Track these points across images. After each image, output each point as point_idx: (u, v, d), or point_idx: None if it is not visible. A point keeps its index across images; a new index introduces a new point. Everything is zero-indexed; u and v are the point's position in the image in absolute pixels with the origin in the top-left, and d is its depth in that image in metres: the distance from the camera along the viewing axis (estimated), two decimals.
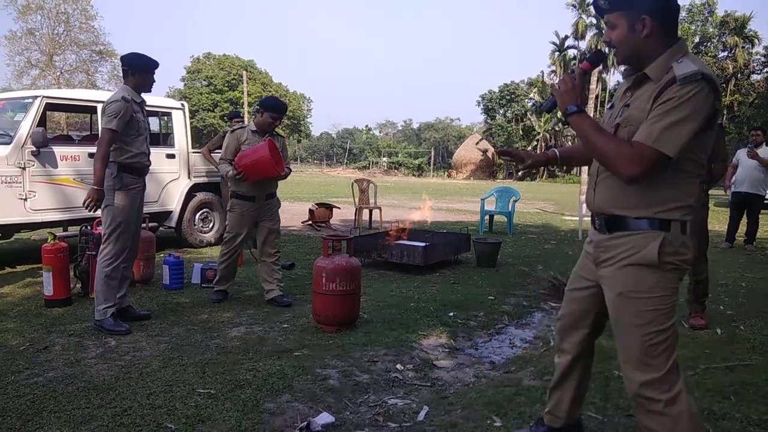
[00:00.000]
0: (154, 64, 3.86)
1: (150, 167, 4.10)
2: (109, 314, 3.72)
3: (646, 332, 1.77)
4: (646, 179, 1.73)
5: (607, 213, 1.88)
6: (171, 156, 6.77)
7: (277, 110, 4.44)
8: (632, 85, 1.85)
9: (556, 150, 2.34)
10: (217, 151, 6.99)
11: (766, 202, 8.22)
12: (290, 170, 4.64)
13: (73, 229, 5.89)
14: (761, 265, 6.76)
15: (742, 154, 7.99)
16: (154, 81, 3.92)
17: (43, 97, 5.76)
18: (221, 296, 4.62)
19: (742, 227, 8.26)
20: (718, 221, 11.19)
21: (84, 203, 3.68)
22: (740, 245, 8.15)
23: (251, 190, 4.43)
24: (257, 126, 4.46)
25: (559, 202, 17.87)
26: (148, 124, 4.03)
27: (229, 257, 4.56)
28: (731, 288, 5.44)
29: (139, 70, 3.81)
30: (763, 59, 36.42)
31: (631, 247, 1.81)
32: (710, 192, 4.44)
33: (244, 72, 35.12)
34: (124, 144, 3.77)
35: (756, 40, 36.52)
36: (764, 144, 7.86)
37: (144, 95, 3.97)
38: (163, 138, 7.23)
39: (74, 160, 5.85)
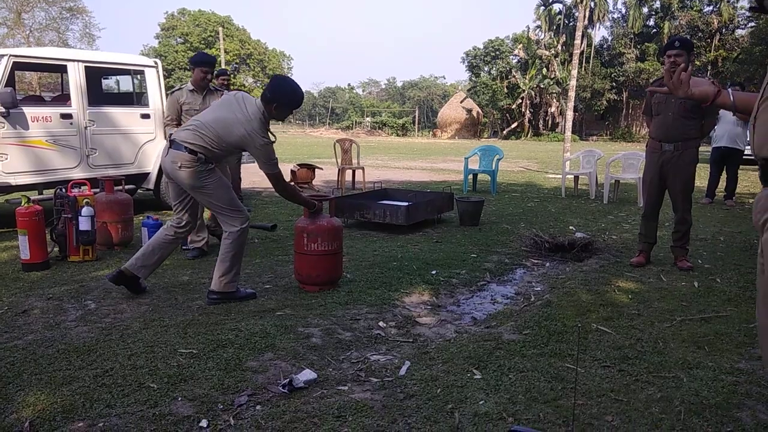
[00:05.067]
0: (300, 101, 3.43)
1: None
2: (237, 284, 3.59)
3: None
4: None
5: (763, 156, 1.40)
6: (146, 116, 6.60)
7: (205, 63, 4.50)
8: None
9: (730, 93, 1.71)
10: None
11: (744, 156, 8.31)
12: None
13: (48, 192, 5.77)
14: (739, 220, 6.88)
15: (723, 111, 8.01)
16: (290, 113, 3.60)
17: (11, 55, 5.53)
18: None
19: (722, 183, 8.37)
20: (699, 176, 11.28)
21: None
22: (720, 200, 8.27)
23: None
24: (194, 84, 4.49)
25: (543, 161, 17.90)
26: None
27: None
28: (710, 242, 5.54)
29: (284, 105, 3.37)
30: (747, 14, 36.20)
31: None
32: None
33: (220, 29, 34.06)
34: (228, 149, 3.43)
35: None
36: None
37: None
38: (137, 97, 7.03)
39: (46, 121, 5.68)
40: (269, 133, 3.38)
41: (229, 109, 3.36)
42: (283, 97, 3.35)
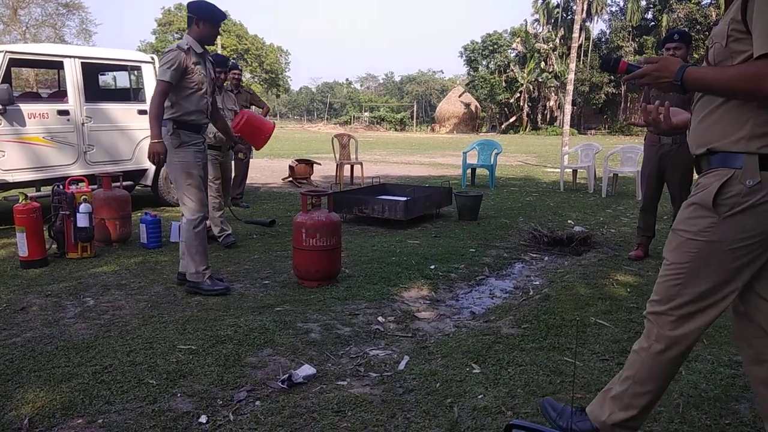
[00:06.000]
0: (222, 16, 3.65)
1: (207, 124, 3.83)
2: (206, 276, 3.62)
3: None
4: None
5: (693, 152, 1.71)
6: (143, 112, 6.57)
7: (219, 64, 4.75)
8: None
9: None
10: None
11: None
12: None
13: (46, 189, 5.75)
14: None
15: None
16: (218, 34, 3.73)
17: (7, 52, 5.51)
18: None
19: None
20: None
21: (149, 158, 3.50)
22: None
23: (220, 140, 4.82)
24: None
25: (542, 155, 17.90)
26: (213, 77, 3.79)
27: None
28: None
29: (205, 19, 3.56)
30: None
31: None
32: None
33: None
34: (179, 99, 3.52)
35: None
36: None
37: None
38: (134, 93, 7.01)
39: (43, 118, 5.66)
40: (190, 50, 3.53)
41: None
42: (200, 11, 3.56)
